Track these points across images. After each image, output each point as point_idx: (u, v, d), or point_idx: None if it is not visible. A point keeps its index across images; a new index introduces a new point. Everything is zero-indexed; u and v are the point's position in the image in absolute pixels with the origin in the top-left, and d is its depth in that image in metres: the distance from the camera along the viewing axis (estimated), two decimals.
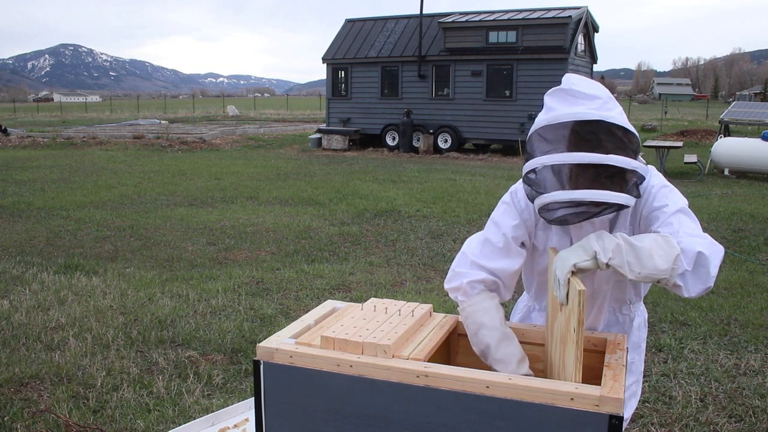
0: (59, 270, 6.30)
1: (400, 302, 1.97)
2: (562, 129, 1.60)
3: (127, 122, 32.38)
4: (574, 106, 1.61)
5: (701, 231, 1.64)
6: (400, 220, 8.94)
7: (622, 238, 1.53)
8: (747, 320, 4.96)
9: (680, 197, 1.72)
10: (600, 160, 1.55)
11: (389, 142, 20.29)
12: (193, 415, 3.38)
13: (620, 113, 1.63)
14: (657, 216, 1.69)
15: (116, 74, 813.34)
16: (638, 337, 1.96)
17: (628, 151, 1.59)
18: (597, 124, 1.58)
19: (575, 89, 1.63)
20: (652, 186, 1.74)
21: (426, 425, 1.52)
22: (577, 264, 1.53)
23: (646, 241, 1.52)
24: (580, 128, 1.58)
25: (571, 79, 1.66)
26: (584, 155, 1.55)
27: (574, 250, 1.57)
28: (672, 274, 1.51)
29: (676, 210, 1.67)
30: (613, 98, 1.67)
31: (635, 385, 1.98)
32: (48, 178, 13.24)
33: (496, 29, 18.92)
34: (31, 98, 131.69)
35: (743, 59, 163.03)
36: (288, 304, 5.29)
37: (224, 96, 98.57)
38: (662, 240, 1.52)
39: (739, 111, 17.91)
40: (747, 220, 8.95)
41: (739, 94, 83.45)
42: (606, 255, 1.51)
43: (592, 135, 1.57)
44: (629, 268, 1.50)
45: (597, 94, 1.62)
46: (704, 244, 1.55)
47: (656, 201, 1.71)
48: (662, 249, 1.50)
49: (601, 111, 1.59)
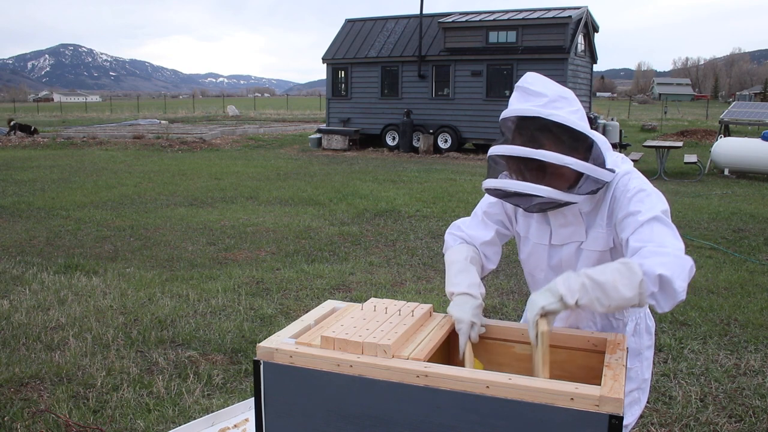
0: (59, 270, 6.30)
1: (400, 302, 1.96)
2: (510, 123, 1.73)
3: (127, 122, 32.38)
4: (523, 103, 1.70)
5: (675, 239, 1.62)
6: (400, 220, 8.94)
7: (586, 276, 1.56)
8: (747, 320, 4.96)
9: (658, 202, 1.71)
10: (524, 153, 1.64)
11: (389, 142, 20.30)
12: (193, 415, 3.38)
13: (571, 113, 1.67)
14: (629, 223, 1.69)
15: (116, 74, 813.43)
16: (636, 343, 1.93)
17: (570, 149, 1.66)
18: (535, 120, 1.67)
19: (527, 86, 1.71)
20: (628, 189, 1.74)
21: (426, 425, 1.52)
22: (545, 307, 1.59)
23: (608, 273, 1.54)
24: (521, 123, 1.69)
25: (527, 78, 1.73)
26: (509, 147, 1.67)
27: (543, 293, 1.62)
28: (641, 299, 1.54)
29: (650, 218, 1.65)
30: (568, 98, 1.71)
31: (637, 393, 1.95)
32: (48, 178, 13.24)
33: (496, 29, 18.92)
34: (31, 98, 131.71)
35: (743, 59, 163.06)
36: (288, 304, 5.29)
37: (224, 96, 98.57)
38: (624, 268, 1.54)
39: (739, 111, 17.91)
40: (747, 220, 8.95)
41: (739, 94, 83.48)
42: (573, 297, 1.55)
43: (528, 130, 1.67)
44: (599, 303, 1.54)
45: (544, 93, 1.68)
46: (666, 263, 1.54)
47: (630, 206, 1.71)
48: (625, 278, 1.52)
49: (543, 108, 1.66)
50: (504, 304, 5.34)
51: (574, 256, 1.87)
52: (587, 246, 1.84)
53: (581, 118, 1.70)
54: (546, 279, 1.95)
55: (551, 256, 1.92)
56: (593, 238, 1.82)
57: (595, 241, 1.82)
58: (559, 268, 1.91)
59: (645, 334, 1.95)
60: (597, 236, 1.81)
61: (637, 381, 1.95)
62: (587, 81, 20.69)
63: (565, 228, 1.86)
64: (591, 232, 1.83)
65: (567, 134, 1.67)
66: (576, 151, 1.68)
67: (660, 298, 1.55)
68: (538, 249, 1.95)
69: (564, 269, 1.90)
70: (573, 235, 1.86)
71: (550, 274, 1.94)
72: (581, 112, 1.72)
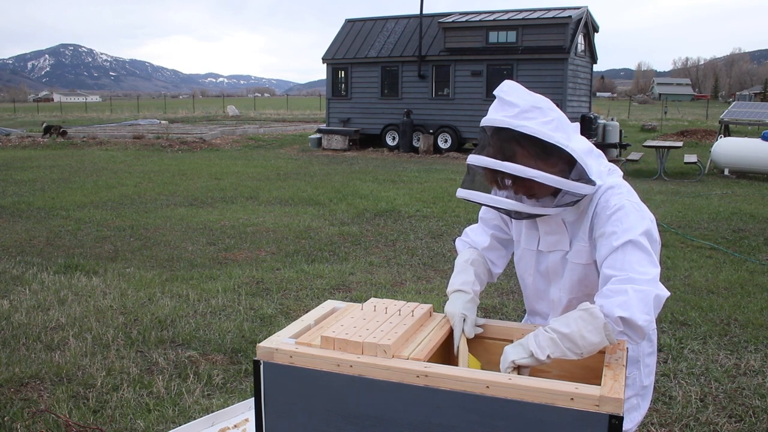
0: (59, 270, 6.30)
1: (400, 302, 1.96)
2: (483, 132, 1.73)
3: (127, 122, 32.37)
4: (496, 113, 1.70)
5: (647, 265, 1.61)
6: (400, 220, 8.94)
7: (553, 331, 1.59)
8: (747, 320, 4.96)
9: (638, 221, 1.67)
10: (490, 164, 1.66)
11: (389, 142, 20.30)
12: (193, 415, 3.38)
13: (542, 124, 1.65)
14: (604, 244, 1.68)
15: (116, 74, 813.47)
16: (634, 351, 1.91)
17: (541, 161, 1.65)
18: (505, 132, 1.66)
19: (502, 95, 1.70)
20: (608, 206, 1.71)
21: (426, 425, 1.52)
22: (516, 361, 1.61)
23: (572, 324, 1.57)
24: (493, 133, 1.69)
25: (503, 86, 1.73)
26: (478, 158, 1.69)
27: (515, 347, 1.64)
28: (610, 339, 1.57)
29: (624, 242, 1.63)
30: (542, 109, 1.67)
31: (636, 399, 1.94)
32: (48, 178, 13.24)
33: (496, 29, 18.92)
34: (31, 98, 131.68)
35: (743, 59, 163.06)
36: (288, 304, 5.29)
37: (224, 96, 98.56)
38: (586, 315, 1.57)
39: (739, 111, 17.90)
40: (747, 220, 8.95)
41: (739, 94, 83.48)
42: (543, 352, 1.59)
43: (499, 141, 1.68)
44: (570, 352, 1.58)
45: (516, 103, 1.67)
46: (625, 302, 1.55)
47: (608, 225, 1.69)
48: (589, 324, 1.56)
49: (513, 119, 1.65)
50: (504, 304, 5.34)
51: (560, 264, 1.88)
52: (572, 258, 1.83)
53: (556, 129, 1.66)
54: (535, 284, 1.97)
55: (539, 261, 1.93)
56: (576, 250, 1.82)
57: (578, 253, 1.82)
58: (547, 275, 1.93)
59: (644, 342, 1.93)
60: (580, 249, 1.81)
61: (636, 388, 1.93)
62: (587, 81, 20.69)
63: (552, 235, 1.87)
64: (575, 244, 1.82)
65: (537, 146, 1.65)
66: (547, 162, 1.66)
67: (629, 335, 1.59)
68: (527, 254, 1.96)
69: (552, 277, 1.91)
70: (558, 243, 1.86)
71: (538, 279, 1.96)
72: (557, 122, 1.68)
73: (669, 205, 10.11)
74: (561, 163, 1.68)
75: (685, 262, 6.70)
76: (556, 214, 1.79)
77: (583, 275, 1.83)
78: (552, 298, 1.94)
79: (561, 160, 1.68)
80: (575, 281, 1.85)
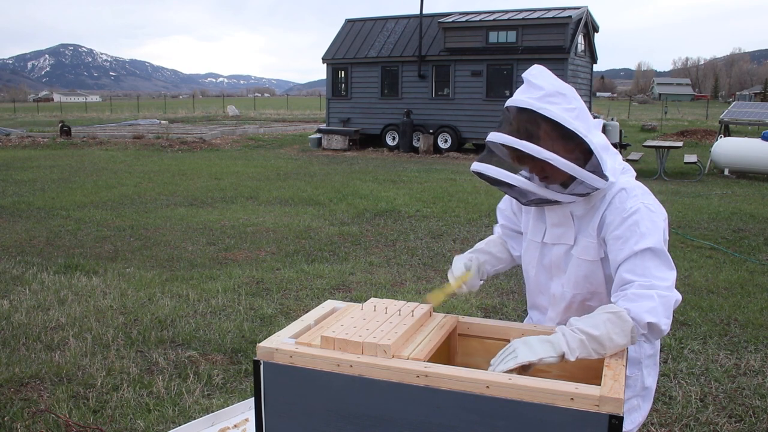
0: (59, 270, 6.29)
1: (400, 302, 1.96)
2: (507, 112, 1.74)
3: (127, 122, 32.36)
4: (522, 94, 1.71)
5: (666, 271, 1.66)
6: (400, 220, 8.94)
7: (581, 332, 1.58)
8: (747, 320, 4.96)
9: (655, 225, 1.69)
10: (506, 141, 1.67)
11: (389, 142, 20.29)
12: (193, 415, 3.38)
13: (565, 110, 1.65)
14: (621, 248, 1.70)
15: (116, 74, 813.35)
16: (636, 352, 1.90)
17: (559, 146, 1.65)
18: (527, 112, 1.67)
19: (530, 78, 1.71)
20: (624, 209, 1.71)
21: (426, 425, 1.52)
22: (543, 359, 1.58)
23: (601, 326, 1.58)
24: (516, 113, 1.70)
25: (532, 69, 1.74)
26: (496, 134, 1.70)
27: (543, 344, 1.60)
28: (633, 341, 1.61)
29: (644, 248, 1.66)
30: (567, 96, 1.68)
31: (636, 400, 1.93)
32: (48, 178, 13.24)
33: (496, 29, 18.92)
34: (31, 98, 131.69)
35: (743, 59, 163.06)
36: (288, 304, 5.29)
37: (224, 96, 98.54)
38: (615, 318, 1.59)
39: (739, 111, 17.90)
40: (747, 220, 8.96)
41: (739, 94, 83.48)
42: (573, 354, 1.58)
43: (519, 121, 1.68)
44: (596, 353, 1.59)
45: (542, 86, 1.68)
46: (653, 308, 1.59)
47: (625, 229, 1.70)
48: (618, 327, 1.58)
49: (536, 101, 1.66)
50: (504, 304, 5.34)
51: (563, 259, 1.87)
52: (577, 253, 1.82)
53: (577, 117, 1.66)
54: (537, 277, 1.96)
55: (543, 254, 1.92)
56: (583, 246, 1.81)
57: (585, 249, 1.81)
58: (549, 269, 1.92)
59: (645, 343, 1.92)
60: (587, 245, 1.80)
61: (636, 389, 1.92)
62: (587, 81, 20.69)
63: (558, 228, 1.86)
64: (581, 239, 1.81)
65: (557, 131, 1.65)
66: (564, 148, 1.66)
67: (648, 337, 1.65)
68: (532, 246, 1.96)
69: (554, 272, 1.90)
70: (563, 236, 1.85)
71: (541, 272, 1.95)
72: (579, 110, 1.68)
73: (669, 205, 10.10)
74: (577, 152, 1.68)
75: (685, 262, 6.70)
76: (565, 205, 1.79)
77: (589, 272, 1.82)
78: (553, 293, 1.93)
79: (578, 149, 1.68)
80: (580, 277, 1.83)
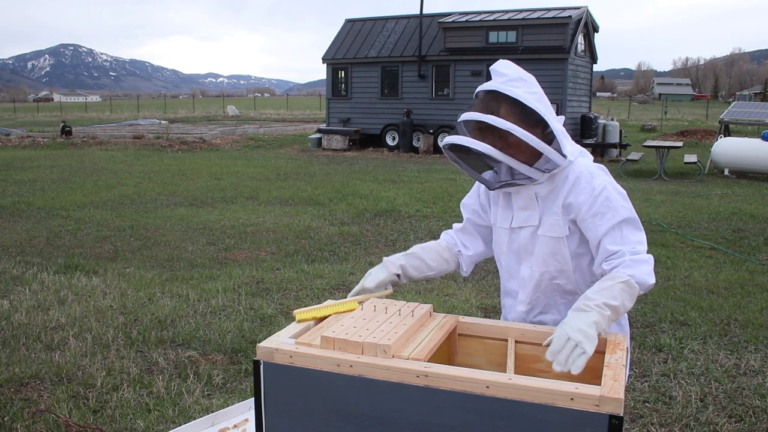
0: (59, 270, 6.29)
1: (400, 302, 1.96)
2: (475, 97, 1.92)
3: (127, 122, 32.37)
4: (488, 81, 1.90)
5: (643, 237, 1.84)
6: (400, 220, 8.94)
7: (606, 306, 1.67)
8: (747, 320, 4.96)
9: (624, 200, 1.86)
10: (474, 117, 1.81)
11: (389, 142, 20.29)
12: (193, 415, 3.38)
13: (527, 92, 1.81)
14: (600, 223, 1.83)
15: (116, 74, 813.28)
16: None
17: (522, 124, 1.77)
18: (492, 94, 1.84)
19: (495, 68, 1.89)
20: (593, 188, 1.85)
21: (426, 425, 1.52)
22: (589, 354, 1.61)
23: (618, 296, 1.70)
24: (483, 97, 1.87)
25: (497, 63, 1.91)
26: (466, 114, 1.86)
27: (592, 327, 1.61)
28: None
29: (620, 220, 1.82)
30: (527, 81, 1.85)
31: None
32: (48, 178, 13.24)
33: (496, 29, 18.92)
34: (31, 98, 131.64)
35: (743, 59, 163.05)
36: (288, 304, 5.29)
37: (224, 96, 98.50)
38: (626, 286, 1.72)
39: (739, 111, 17.90)
40: (747, 220, 8.95)
41: (739, 94, 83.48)
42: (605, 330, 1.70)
43: (486, 102, 1.84)
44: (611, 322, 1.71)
45: (505, 73, 1.86)
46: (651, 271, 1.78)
47: (599, 206, 1.84)
48: (628, 294, 1.72)
49: (501, 85, 1.83)
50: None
51: (530, 241, 1.96)
52: (543, 231, 1.93)
53: (538, 100, 1.81)
54: (507, 262, 2.04)
55: (512, 239, 2.01)
56: (549, 224, 1.91)
57: (551, 227, 1.91)
58: (518, 253, 2.00)
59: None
60: (552, 222, 1.91)
61: None
62: (587, 81, 20.68)
63: (524, 211, 1.96)
64: (546, 218, 1.92)
65: (519, 109, 1.79)
66: (528, 127, 1.78)
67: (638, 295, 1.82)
68: (501, 233, 2.04)
69: (522, 255, 1.99)
70: (529, 218, 1.95)
71: (511, 257, 2.03)
72: (539, 95, 1.83)
73: (669, 205, 10.10)
74: (540, 134, 1.80)
75: (685, 262, 6.70)
76: (530, 187, 1.90)
77: (555, 249, 1.91)
78: (522, 276, 2.01)
79: (539, 130, 1.80)
80: (548, 255, 1.92)
